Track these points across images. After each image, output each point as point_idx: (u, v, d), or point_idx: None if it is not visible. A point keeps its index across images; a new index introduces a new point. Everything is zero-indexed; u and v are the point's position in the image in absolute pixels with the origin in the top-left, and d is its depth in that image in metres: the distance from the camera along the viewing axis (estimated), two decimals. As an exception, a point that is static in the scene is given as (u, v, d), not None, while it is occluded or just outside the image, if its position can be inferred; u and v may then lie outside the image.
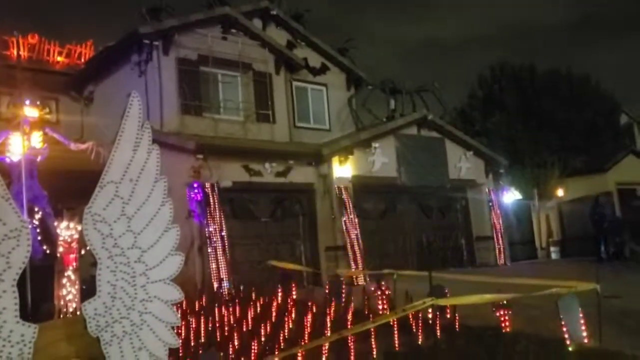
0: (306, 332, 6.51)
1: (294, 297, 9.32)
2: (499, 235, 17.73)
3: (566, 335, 5.64)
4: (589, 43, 61.23)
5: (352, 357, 5.47)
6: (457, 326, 7.00)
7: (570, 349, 5.59)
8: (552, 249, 19.43)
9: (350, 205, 14.76)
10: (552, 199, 21.01)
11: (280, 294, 9.54)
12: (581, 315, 5.73)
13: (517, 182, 20.75)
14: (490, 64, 28.85)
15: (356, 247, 14.42)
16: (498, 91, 27.13)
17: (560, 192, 21.03)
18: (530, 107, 25.04)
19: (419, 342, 6.44)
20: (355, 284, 12.96)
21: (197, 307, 8.97)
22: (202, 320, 7.37)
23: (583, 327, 5.68)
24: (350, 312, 7.46)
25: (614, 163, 22.53)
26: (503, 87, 27.06)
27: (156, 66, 14.41)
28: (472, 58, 63.32)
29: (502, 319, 6.57)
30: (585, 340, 5.72)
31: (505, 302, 6.42)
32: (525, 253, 18.93)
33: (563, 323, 5.68)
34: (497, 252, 17.58)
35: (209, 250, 12.13)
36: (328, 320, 6.80)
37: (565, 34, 61.90)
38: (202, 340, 6.80)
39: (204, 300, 9.55)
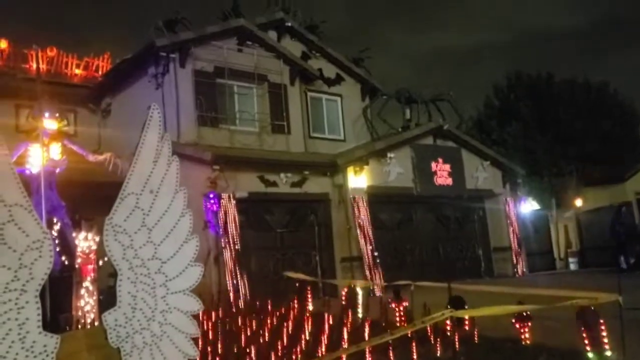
0: (323, 344, 6.46)
1: (310, 308, 9.29)
2: (517, 246, 17.54)
3: (588, 348, 5.53)
4: (606, 49, 60.69)
5: (370, 369, 5.42)
6: (476, 338, 6.91)
7: (591, 361, 5.47)
8: (570, 259, 19.17)
9: (366, 216, 14.72)
10: (570, 209, 20.74)
11: (296, 305, 9.50)
12: (603, 327, 5.63)
13: (535, 192, 20.55)
14: (506, 73, 28.75)
15: (372, 258, 14.35)
16: (514, 100, 26.98)
17: (578, 202, 20.76)
18: (547, 116, 24.85)
19: (438, 354, 6.36)
20: (372, 295, 12.89)
21: (213, 318, 8.97)
22: (218, 331, 7.35)
23: (605, 340, 5.57)
24: (367, 323, 7.40)
25: (634, 173, 22.20)
26: (519, 97, 26.91)
27: (173, 78, 14.56)
28: (488, 66, 63.08)
29: (522, 330, 6.47)
30: (608, 354, 5.60)
31: (525, 313, 6.33)
32: (543, 264, 18.69)
33: (584, 335, 5.57)
34: (515, 262, 17.39)
35: (225, 261, 12.14)
36: (345, 332, 6.75)
37: (582, 40, 61.47)
38: (219, 352, 6.78)
39: (220, 311, 9.55)
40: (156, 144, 3.32)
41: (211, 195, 12.35)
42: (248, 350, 6.38)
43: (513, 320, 6.37)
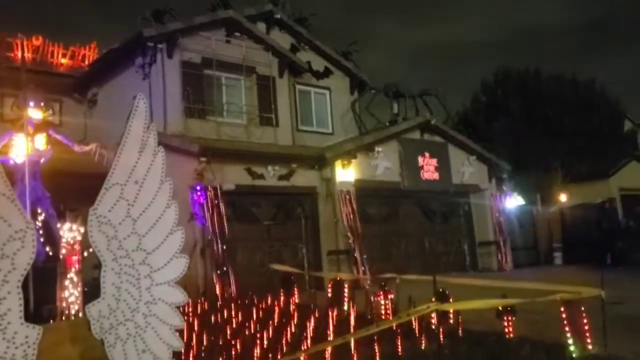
0: (309, 337, 6.48)
1: (296, 301, 9.30)
2: (502, 240, 17.69)
3: (570, 342, 5.61)
4: (596, 48, 61.17)
5: (355, 362, 5.44)
6: (460, 331, 6.97)
7: (574, 355, 5.55)
8: (555, 254, 19.34)
9: (353, 210, 14.75)
10: (555, 205, 20.95)
11: (282, 298, 9.52)
12: (586, 321, 5.70)
13: (520, 187, 20.70)
14: (495, 69, 28.89)
15: (359, 251, 14.40)
16: (501, 96, 27.14)
17: (563, 198, 20.96)
18: (534, 112, 25.03)
19: (422, 347, 6.41)
20: (358, 288, 12.94)
21: (199, 310, 8.95)
22: (204, 323, 7.35)
23: (588, 333, 5.65)
24: (353, 316, 7.43)
25: (618, 169, 22.50)
26: (506, 92, 27.06)
27: (160, 69, 14.43)
28: (479, 63, 63.33)
29: (506, 324, 6.54)
30: (590, 347, 5.68)
31: (509, 307, 6.39)
32: (528, 258, 18.86)
33: (567, 329, 5.64)
34: (499, 257, 17.54)
35: (211, 253, 12.11)
36: (331, 324, 6.77)
37: (572, 38, 61.85)
38: (204, 344, 6.77)
39: (205, 303, 9.53)
40: (142, 134, 3.30)
41: (198, 187, 12.30)
42: (233, 342, 6.38)
43: (497, 314, 6.43)
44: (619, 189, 21.89)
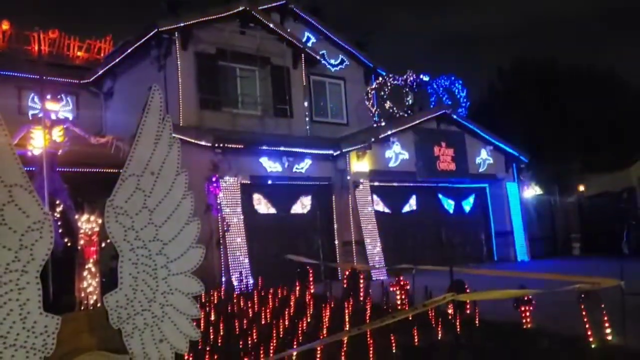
0: (324, 327, 6.49)
1: (312, 291, 9.32)
2: (519, 231, 17.55)
3: (589, 333, 5.55)
4: (615, 35, 59.97)
5: (371, 352, 5.44)
6: (477, 322, 6.93)
7: (593, 346, 5.49)
8: (573, 244, 19.16)
9: (368, 200, 14.72)
10: (573, 195, 20.70)
11: (298, 288, 9.55)
12: (604, 312, 5.64)
13: (538, 177, 20.47)
14: (511, 59, 28.56)
15: (374, 242, 14.38)
16: (519, 85, 26.82)
17: (581, 188, 20.70)
18: (552, 101, 24.70)
19: (439, 338, 6.39)
20: (373, 278, 12.94)
21: (215, 299, 9.02)
22: (220, 313, 7.40)
23: (607, 325, 5.58)
24: (368, 307, 7.43)
25: (637, 159, 22.10)
26: (523, 82, 26.74)
27: (175, 61, 14.47)
28: (495, 52, 62.39)
29: (524, 315, 6.49)
30: (609, 338, 5.62)
31: (526, 297, 6.34)
32: (545, 249, 18.70)
33: (586, 320, 5.58)
34: (517, 247, 17.40)
35: (227, 244, 12.18)
36: (346, 314, 6.78)
37: (591, 26, 60.64)
38: (221, 333, 6.82)
39: (222, 293, 9.60)
40: (157, 125, 3.30)
41: (213, 179, 12.35)
42: (250, 332, 6.42)
43: (514, 305, 6.38)
44: (639, 179, 21.51)
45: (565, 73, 26.63)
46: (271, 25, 16.11)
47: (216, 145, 12.64)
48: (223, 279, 11.73)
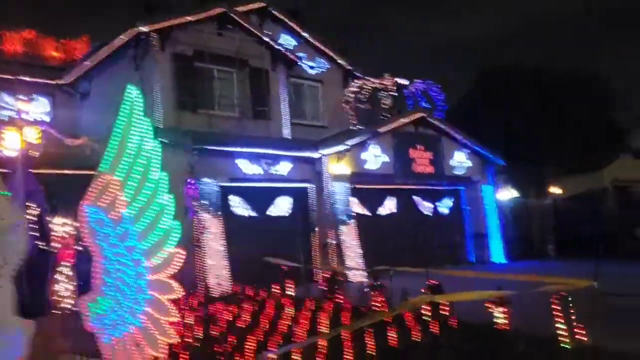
0: (303, 329, 6.49)
1: (291, 293, 9.32)
2: (495, 233, 17.77)
3: (564, 334, 5.64)
4: (595, 38, 60.92)
5: (349, 354, 5.46)
6: (454, 323, 7.00)
7: (567, 347, 5.59)
8: (548, 246, 19.46)
9: (347, 202, 14.76)
10: (548, 197, 21.05)
11: (276, 291, 9.53)
12: (578, 313, 5.74)
13: (514, 179, 20.77)
14: (489, 64, 28.97)
15: (352, 244, 14.43)
16: (495, 90, 27.20)
17: (556, 190, 21.07)
18: (528, 105, 25.10)
19: (416, 339, 6.43)
20: (352, 280, 12.98)
21: (193, 303, 8.95)
22: (198, 317, 7.34)
23: (582, 325, 5.68)
24: (347, 308, 7.45)
25: (611, 161, 22.64)
26: (501, 86, 27.13)
27: (152, 62, 14.33)
28: (478, 56, 62.90)
29: (500, 316, 6.57)
30: (583, 338, 5.72)
31: (503, 299, 6.42)
32: (521, 250, 18.93)
33: (561, 321, 5.68)
34: (493, 249, 17.62)
35: (205, 247, 12.10)
36: (325, 316, 6.78)
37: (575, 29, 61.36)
38: (199, 337, 6.78)
39: (200, 297, 9.53)
40: (134, 127, 3.27)
41: (191, 181, 12.25)
42: (228, 335, 6.39)
43: (490, 306, 6.46)
44: (612, 181, 22.01)
45: (544, 76, 27.07)
46: (250, 28, 16.06)
47: (194, 147, 12.54)
48: (201, 283, 11.63)
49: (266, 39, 16.29)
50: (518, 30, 63.82)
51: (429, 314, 6.92)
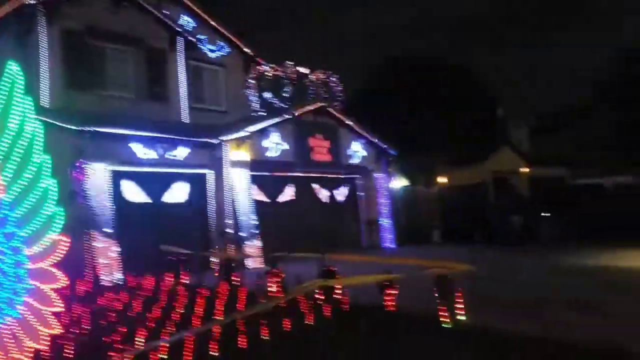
0: (197, 316, 6.46)
1: (185, 281, 9.19)
2: (387, 219, 18.58)
3: (444, 313, 6.07)
4: (488, 40, 64.93)
5: (242, 340, 5.52)
6: (345, 306, 7.28)
7: (447, 326, 6.02)
8: (434, 232, 20.64)
9: (247, 189, 14.74)
10: (436, 186, 22.33)
11: (170, 279, 9.37)
12: (458, 294, 6.20)
13: (406, 169, 21.78)
14: (386, 55, 29.93)
15: (251, 231, 14.46)
16: (391, 82, 28.21)
17: (443, 179, 22.40)
18: (420, 98, 26.31)
19: (309, 322, 6.62)
20: (249, 266, 13.03)
21: (80, 293, 8.57)
22: (86, 307, 7.05)
23: (459, 306, 6.14)
24: (242, 295, 7.49)
25: (491, 153, 24.43)
26: (395, 79, 28.18)
27: (39, 37, 13.36)
28: (377, 47, 64.67)
29: (388, 298, 6.92)
30: (462, 318, 6.19)
31: (390, 281, 6.77)
32: (410, 236, 19.93)
33: (441, 302, 6.10)
34: (384, 235, 18.42)
35: (94, 234, 11.57)
36: (220, 303, 6.79)
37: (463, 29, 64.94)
38: (87, 328, 6.52)
39: (87, 286, 9.15)
40: (15, 106, 3.09)
41: (80, 165, 11.63)
42: (118, 325, 6.21)
43: (379, 289, 6.78)
44: (493, 172, 23.76)
45: (438, 71, 28.44)
46: (146, 6, 15.43)
47: (83, 128, 11.90)
48: (90, 272, 11.13)
49: (164, 18, 15.74)
50: (420, 24, 66.54)
51: (323, 298, 7.14)
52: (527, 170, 25.38)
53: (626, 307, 7.22)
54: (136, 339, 5.49)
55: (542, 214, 18.58)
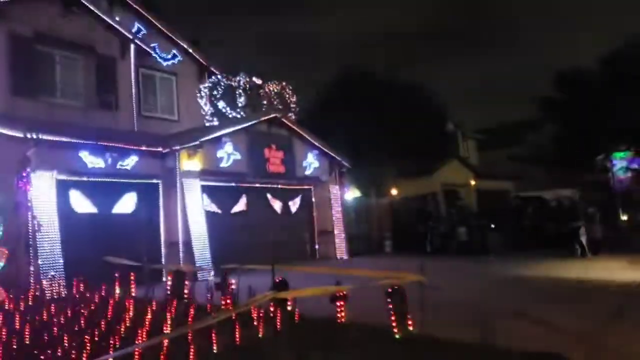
0: (145, 330, 6.31)
1: (133, 294, 8.97)
2: (340, 230, 18.70)
3: (394, 324, 6.16)
4: (436, 54, 66.62)
5: (192, 353, 5.44)
6: (296, 318, 7.28)
7: (397, 336, 6.11)
8: (386, 242, 20.91)
9: (198, 200, 14.55)
10: (387, 197, 22.66)
11: (117, 291, 9.14)
12: (407, 305, 6.31)
13: (358, 180, 22.02)
14: (339, 68, 30.22)
15: (202, 242, 14.26)
16: (343, 95, 28.52)
17: (394, 191, 22.76)
18: (370, 111, 26.69)
19: (260, 335, 6.59)
20: (201, 279, 12.84)
21: (22, 307, 8.25)
22: (27, 321, 6.79)
23: (409, 316, 6.25)
24: (192, 308, 7.38)
25: (440, 166, 25.05)
26: (348, 92, 28.50)
27: (-20, 39, 12.89)
28: (332, 59, 65.41)
29: (339, 309, 6.97)
30: (411, 328, 6.29)
31: (342, 293, 6.82)
32: (362, 247, 20.14)
33: (392, 312, 6.19)
34: (337, 246, 18.51)
35: (39, 246, 11.16)
36: (168, 317, 6.67)
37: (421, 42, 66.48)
38: (27, 342, 6.27)
39: (30, 299, 8.82)
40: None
41: (24, 174, 11.22)
42: (61, 340, 6.01)
43: (330, 300, 6.83)
44: (442, 184, 24.33)
45: (384, 87, 28.91)
46: (97, 12, 15.12)
47: (28, 136, 11.49)
48: (32, 284, 10.71)
49: (115, 25, 15.46)
50: (376, 37, 67.73)
51: (273, 310, 7.12)
52: (474, 182, 26.14)
53: (558, 315, 7.60)
54: (78, 353, 5.33)
55: (488, 225, 19.14)
